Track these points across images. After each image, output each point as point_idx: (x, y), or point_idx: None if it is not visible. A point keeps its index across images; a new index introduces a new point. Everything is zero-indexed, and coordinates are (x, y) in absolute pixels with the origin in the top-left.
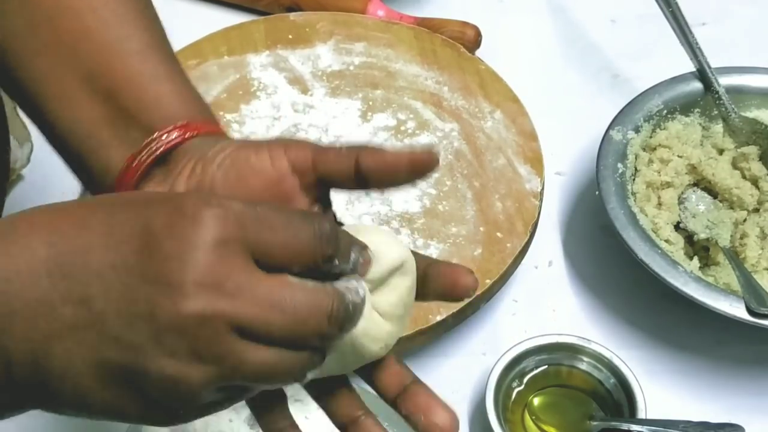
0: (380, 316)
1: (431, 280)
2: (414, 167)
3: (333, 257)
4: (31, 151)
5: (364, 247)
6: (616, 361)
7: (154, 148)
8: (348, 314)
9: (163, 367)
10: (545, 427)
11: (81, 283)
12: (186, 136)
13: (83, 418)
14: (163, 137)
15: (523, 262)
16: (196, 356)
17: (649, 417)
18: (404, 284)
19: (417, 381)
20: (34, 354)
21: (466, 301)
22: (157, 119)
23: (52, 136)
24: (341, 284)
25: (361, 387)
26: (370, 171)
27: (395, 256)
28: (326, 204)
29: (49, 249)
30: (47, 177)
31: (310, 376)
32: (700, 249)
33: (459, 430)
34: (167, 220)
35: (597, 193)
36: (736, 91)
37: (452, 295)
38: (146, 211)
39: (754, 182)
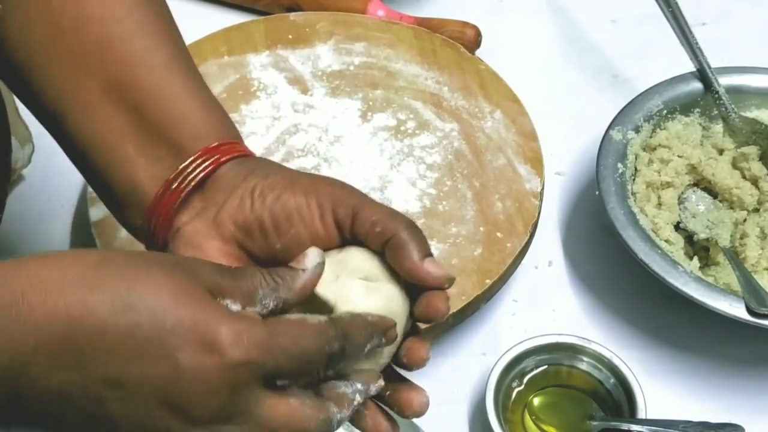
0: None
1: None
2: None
3: (339, 362)
4: (32, 151)
5: (386, 329)
6: (616, 361)
7: (190, 176)
8: (329, 427)
9: None
10: (545, 427)
11: (99, 386)
12: (221, 160)
13: None
14: (198, 164)
15: (523, 262)
16: None
17: (649, 417)
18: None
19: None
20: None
21: (466, 301)
22: (184, 137)
23: (73, 147)
24: (334, 393)
25: None
26: (392, 264)
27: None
28: None
29: (68, 339)
30: (48, 178)
31: None
32: (700, 249)
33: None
34: (193, 358)
35: (597, 193)
36: (736, 91)
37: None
38: (173, 339)
39: (754, 182)
